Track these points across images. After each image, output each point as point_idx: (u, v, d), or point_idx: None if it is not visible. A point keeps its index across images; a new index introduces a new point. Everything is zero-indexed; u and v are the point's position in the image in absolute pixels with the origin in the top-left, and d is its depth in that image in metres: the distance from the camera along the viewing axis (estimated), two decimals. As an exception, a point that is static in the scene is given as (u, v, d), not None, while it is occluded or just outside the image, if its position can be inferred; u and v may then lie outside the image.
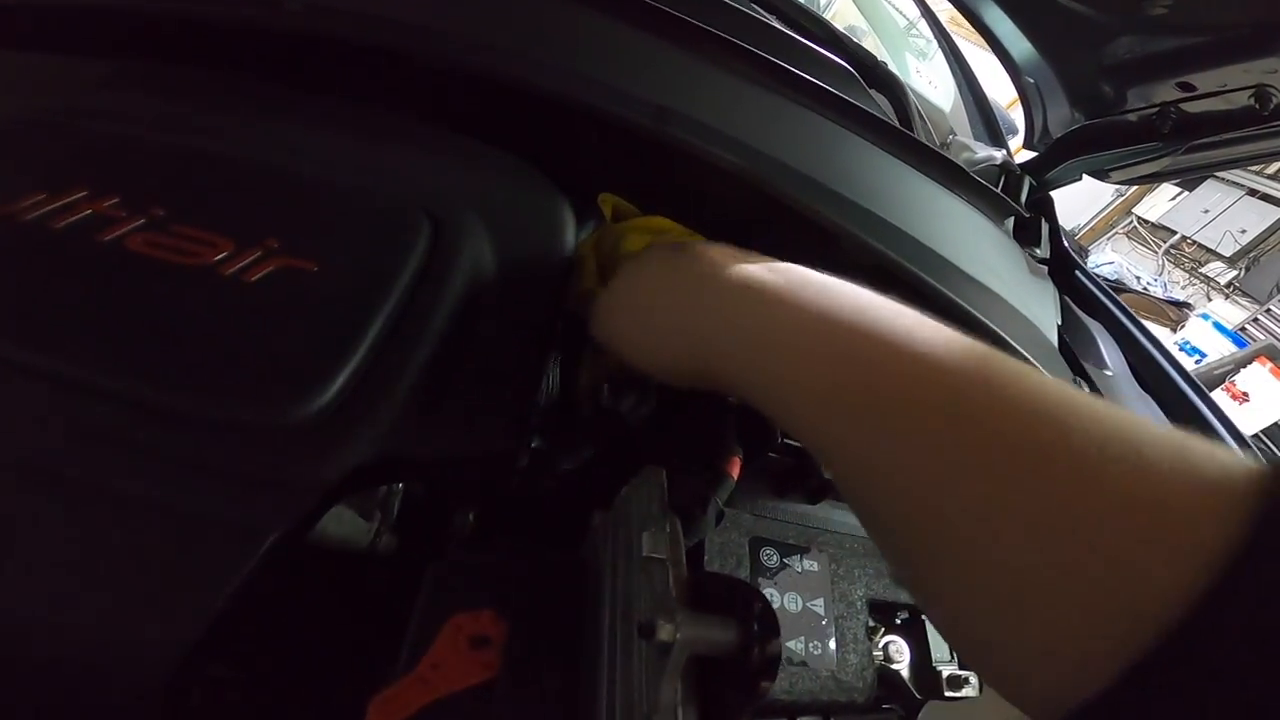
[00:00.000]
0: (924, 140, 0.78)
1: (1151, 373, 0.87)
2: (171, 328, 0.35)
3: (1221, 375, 3.73)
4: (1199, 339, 3.95)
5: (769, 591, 0.47)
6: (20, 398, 0.33)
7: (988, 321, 0.61)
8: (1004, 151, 1.11)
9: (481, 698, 0.32)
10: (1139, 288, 5.06)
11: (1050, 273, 0.92)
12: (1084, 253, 5.50)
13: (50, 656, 0.30)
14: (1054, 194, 1.02)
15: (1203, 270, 5.09)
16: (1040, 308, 0.76)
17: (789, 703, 0.44)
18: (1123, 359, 0.87)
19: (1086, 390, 0.69)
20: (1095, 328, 0.89)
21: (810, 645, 0.46)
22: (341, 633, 0.45)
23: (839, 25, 1.10)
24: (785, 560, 0.49)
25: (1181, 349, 3.98)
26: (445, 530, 0.45)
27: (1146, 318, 4.75)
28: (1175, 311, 4.50)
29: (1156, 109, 0.81)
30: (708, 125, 0.57)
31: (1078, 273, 1.01)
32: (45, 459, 0.32)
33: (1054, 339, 0.75)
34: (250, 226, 0.40)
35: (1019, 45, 0.92)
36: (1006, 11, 0.88)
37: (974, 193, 0.78)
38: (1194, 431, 0.23)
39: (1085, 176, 0.99)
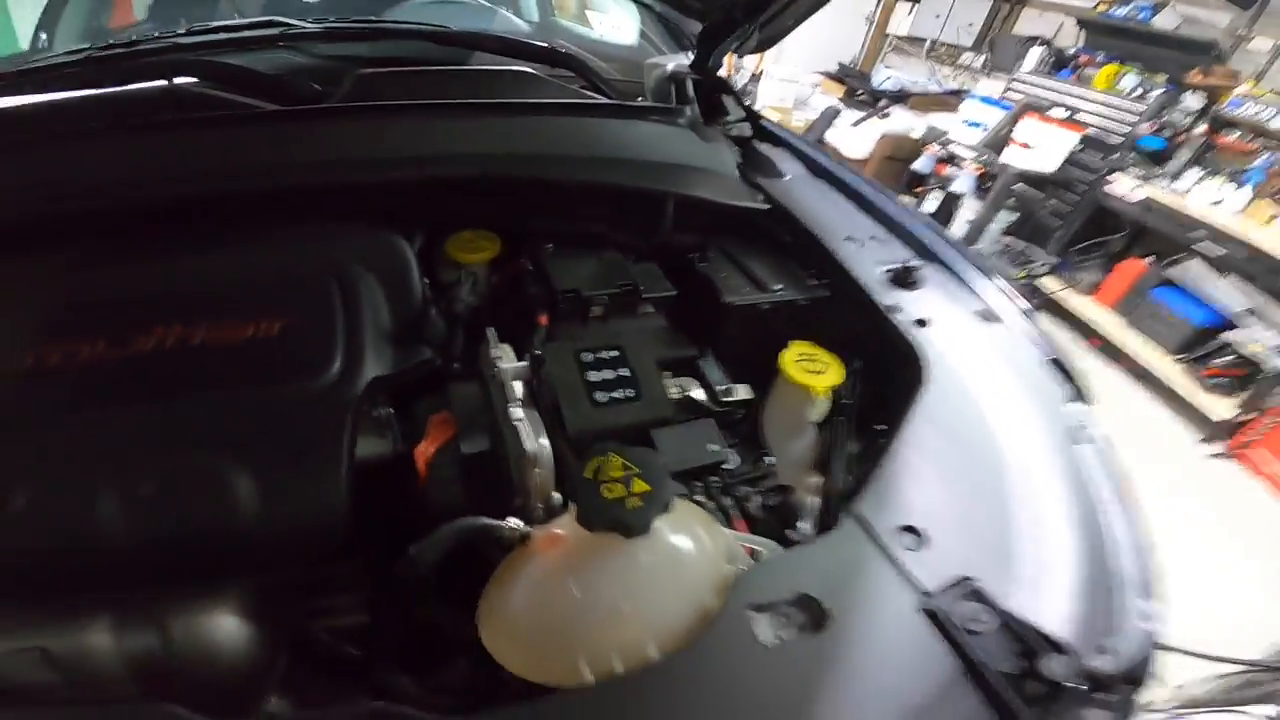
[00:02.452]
0: (601, 98, 1.14)
1: (820, 169, 1.28)
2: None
3: (1004, 136, 4.36)
4: (975, 115, 4.58)
5: (592, 375, 0.79)
6: None
7: (681, 186, 0.98)
8: (682, 57, 1.45)
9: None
10: (917, 90, 5.73)
11: (749, 124, 1.32)
12: (867, 77, 6.15)
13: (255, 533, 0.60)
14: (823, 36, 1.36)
15: (960, 61, 5.80)
16: (718, 159, 1.14)
17: (622, 426, 0.76)
18: (802, 167, 1.26)
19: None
20: (776, 154, 1.28)
21: (624, 392, 0.79)
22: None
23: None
24: (596, 356, 0.81)
25: (966, 124, 4.61)
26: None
27: (935, 110, 5.41)
28: (954, 99, 5.17)
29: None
30: (453, 154, 0.91)
31: (761, 122, 1.40)
32: None
33: (734, 171, 1.12)
34: (253, 314, 0.71)
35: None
36: None
37: (647, 115, 1.15)
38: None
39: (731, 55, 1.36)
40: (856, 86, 5.96)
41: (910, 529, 0.64)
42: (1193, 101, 3.90)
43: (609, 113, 1.14)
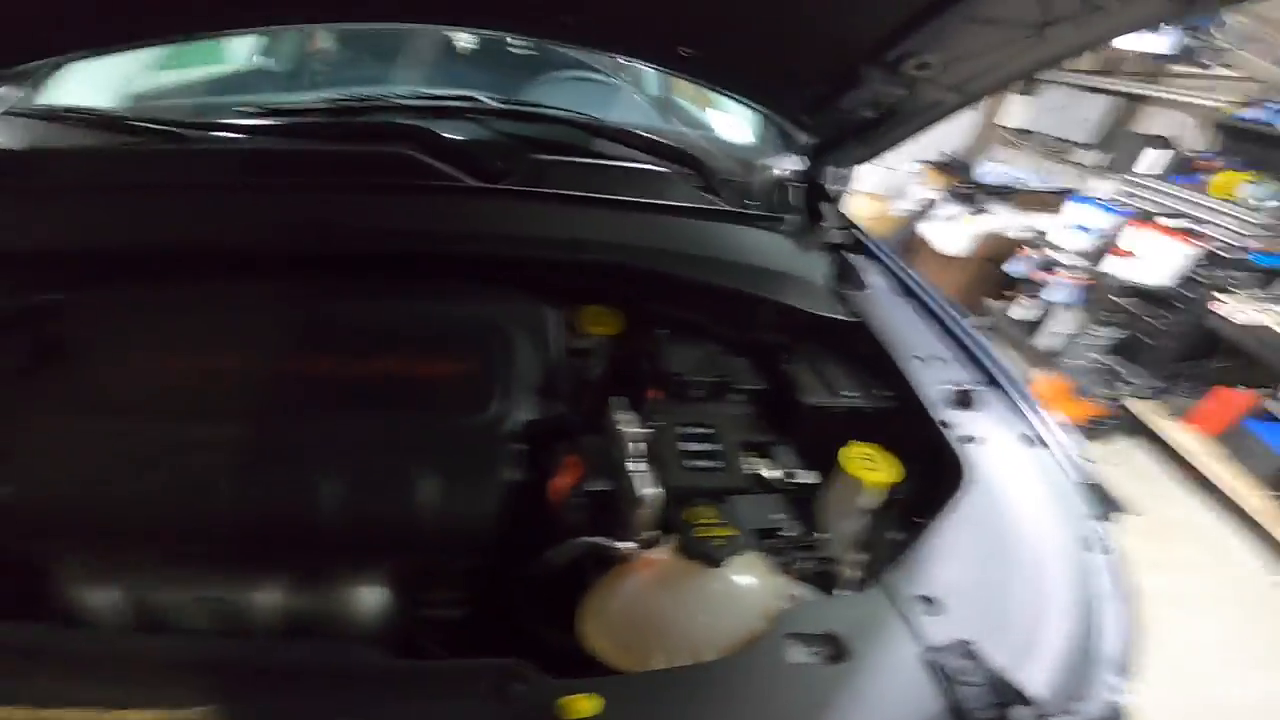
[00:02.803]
0: (719, 203, 1.37)
1: (904, 286, 1.45)
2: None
3: (1106, 243, 4.33)
4: (1081, 217, 4.55)
5: (687, 446, 1.00)
6: None
7: (774, 292, 1.19)
8: (795, 160, 1.63)
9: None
10: (1021, 186, 5.73)
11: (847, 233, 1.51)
12: (968, 168, 6.17)
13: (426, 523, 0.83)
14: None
15: (1070, 158, 5.78)
16: (808, 266, 1.34)
17: (705, 489, 0.95)
18: (883, 279, 1.45)
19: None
20: (865, 265, 1.47)
21: (711, 463, 0.99)
22: None
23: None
24: (694, 431, 1.02)
25: (1070, 228, 4.58)
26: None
27: (1037, 209, 5.39)
28: (1058, 199, 5.15)
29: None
30: (601, 243, 1.14)
31: (854, 231, 1.59)
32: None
33: (820, 280, 1.32)
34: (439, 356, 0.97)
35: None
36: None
37: (754, 221, 1.37)
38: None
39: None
40: (959, 178, 5.98)
41: (927, 598, 0.80)
42: None
43: (723, 218, 1.37)
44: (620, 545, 0.82)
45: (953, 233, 5.36)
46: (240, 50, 2.09)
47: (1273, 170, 3.98)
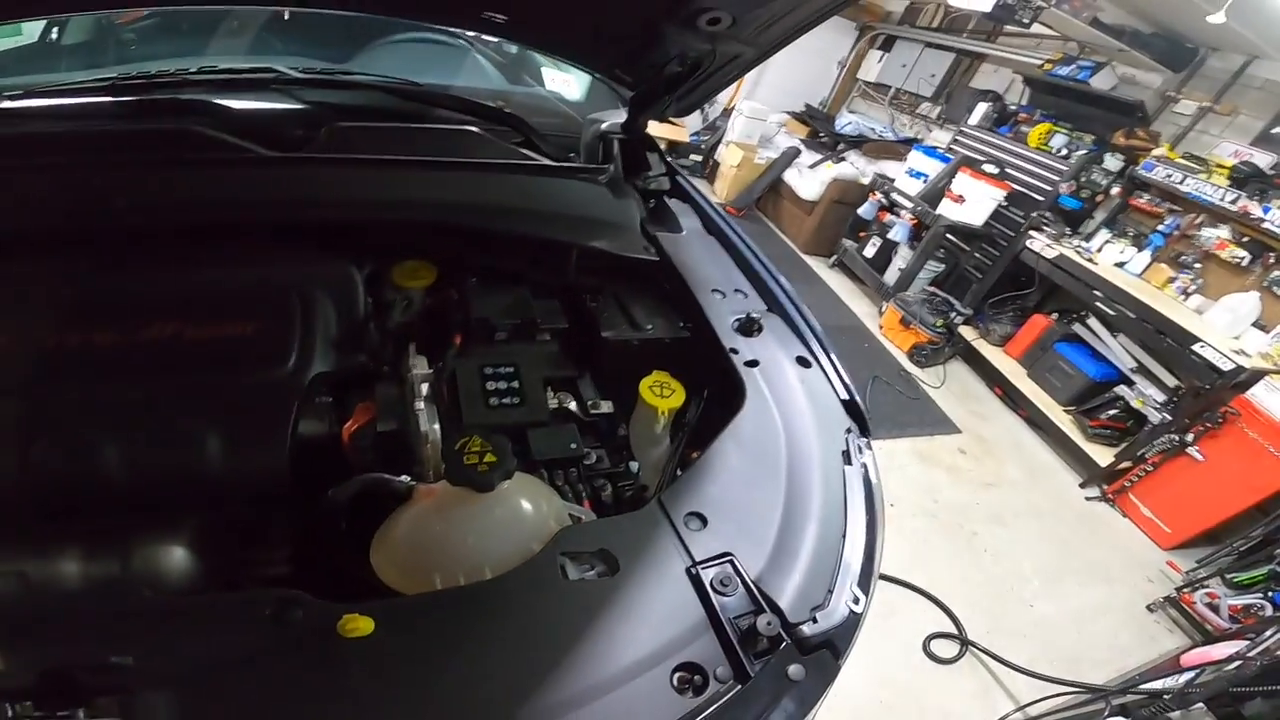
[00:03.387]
0: (540, 157, 1.41)
1: (713, 227, 1.56)
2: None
3: (942, 187, 4.74)
4: (918, 164, 4.96)
5: (490, 385, 1.05)
6: None
7: (584, 238, 1.24)
8: (620, 113, 1.66)
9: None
10: (874, 136, 6.12)
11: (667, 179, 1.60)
12: (832, 120, 6.51)
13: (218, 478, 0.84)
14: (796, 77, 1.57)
15: (919, 111, 6.23)
16: (624, 214, 1.40)
17: (507, 425, 1.02)
18: (697, 221, 1.54)
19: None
20: (682, 209, 1.56)
21: (512, 399, 1.05)
22: None
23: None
24: (495, 370, 1.08)
25: (909, 174, 4.98)
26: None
27: (887, 157, 5.80)
28: (905, 148, 5.56)
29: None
30: (407, 202, 1.16)
31: (678, 177, 1.67)
32: None
33: (636, 225, 1.39)
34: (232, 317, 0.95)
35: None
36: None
37: (571, 174, 1.42)
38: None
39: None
40: (819, 129, 6.30)
41: (698, 515, 0.89)
42: (1113, 163, 4.13)
43: (537, 171, 1.40)
44: (398, 479, 0.86)
45: (811, 179, 5.67)
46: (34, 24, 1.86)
47: (1077, 122, 4.50)
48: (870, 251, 5.24)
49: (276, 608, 0.68)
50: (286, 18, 1.88)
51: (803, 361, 1.21)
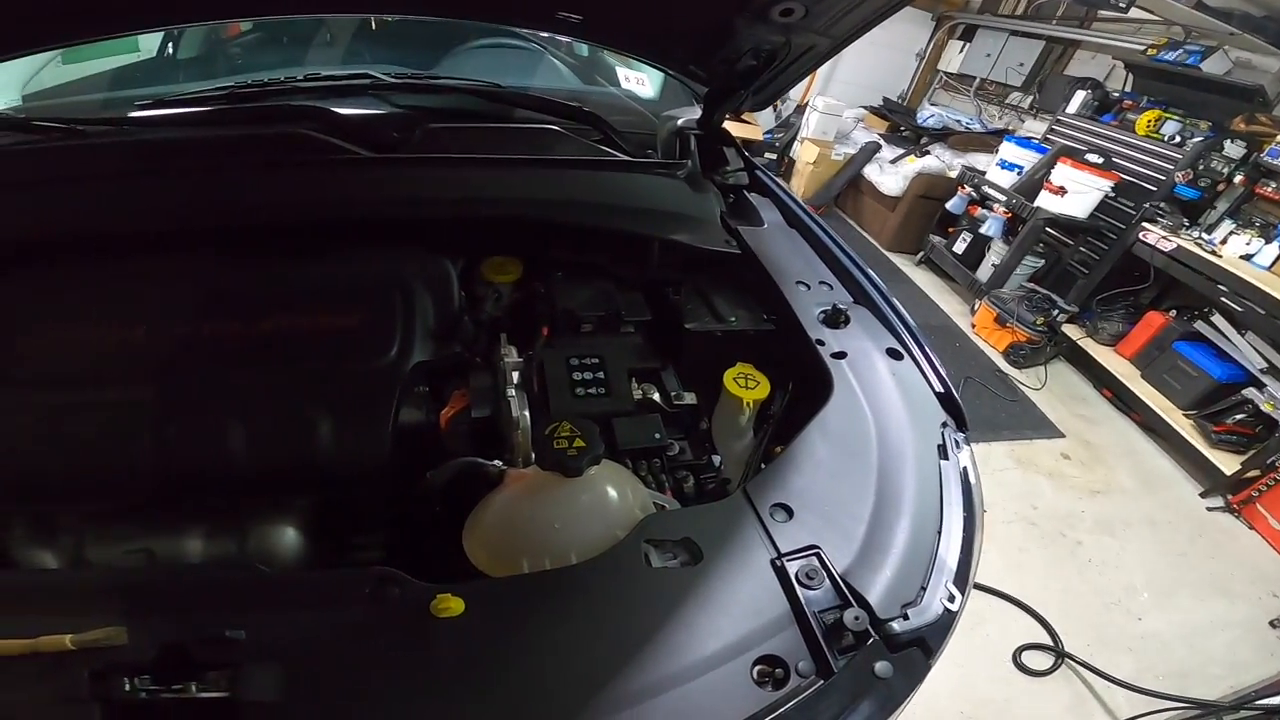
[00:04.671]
0: (619, 154, 1.43)
1: (795, 219, 1.52)
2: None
3: (1039, 180, 4.45)
4: (1011, 156, 4.69)
5: (576, 375, 1.07)
6: None
7: (665, 231, 1.25)
8: (694, 110, 1.68)
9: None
10: (961, 128, 5.84)
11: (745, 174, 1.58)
12: (913, 113, 6.27)
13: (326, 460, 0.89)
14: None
15: (1009, 101, 5.89)
16: (704, 208, 1.40)
17: (592, 414, 1.02)
18: (778, 214, 1.51)
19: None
20: (763, 203, 1.54)
21: (598, 390, 1.06)
22: None
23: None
24: (581, 361, 1.09)
25: (1001, 167, 4.72)
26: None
27: (976, 150, 5.51)
28: (995, 139, 5.27)
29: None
30: (494, 199, 1.21)
31: (757, 171, 1.65)
32: None
33: (716, 218, 1.38)
34: (339, 310, 1.01)
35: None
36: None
37: (649, 169, 1.43)
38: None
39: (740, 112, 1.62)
40: (900, 123, 6.07)
41: (783, 506, 0.87)
42: (1234, 150, 3.78)
43: (617, 167, 1.42)
44: (492, 463, 0.88)
45: (894, 174, 5.47)
46: (150, 38, 2.05)
47: (1189, 109, 4.13)
48: (960, 247, 4.99)
49: (375, 585, 0.71)
50: (374, 28, 1.99)
51: (894, 354, 1.16)
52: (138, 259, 1.09)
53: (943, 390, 1.12)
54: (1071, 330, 4.20)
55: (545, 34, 1.96)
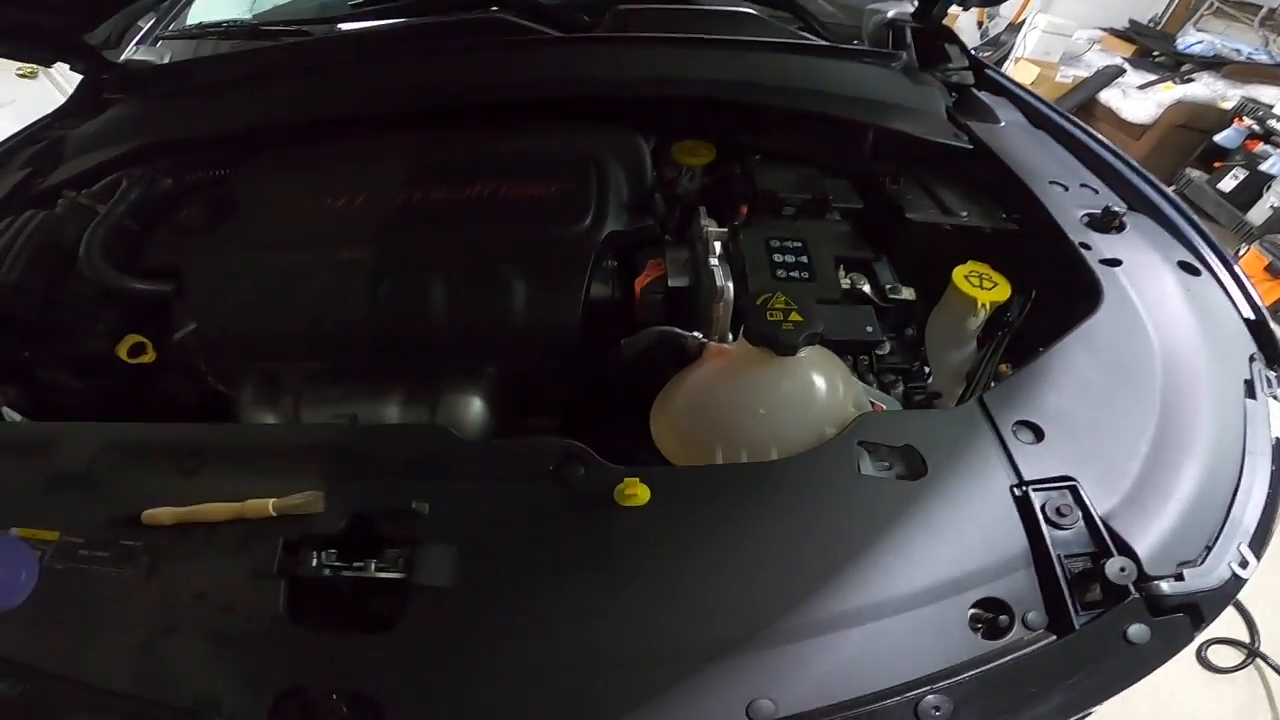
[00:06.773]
0: (820, 40, 1.31)
1: (1041, 119, 1.28)
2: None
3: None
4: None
5: (777, 258, 0.95)
6: None
7: (882, 119, 1.11)
8: (905, 4, 1.45)
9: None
10: (1242, 58, 4.78)
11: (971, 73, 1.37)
12: (1170, 38, 5.27)
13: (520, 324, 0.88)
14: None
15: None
16: (925, 100, 1.20)
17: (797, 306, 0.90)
18: (1019, 115, 1.27)
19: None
20: (998, 102, 1.29)
21: (801, 274, 0.93)
22: None
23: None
24: (783, 243, 0.97)
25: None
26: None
27: (1259, 81, 4.47)
28: (1281, 70, 4.25)
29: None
30: (685, 79, 1.14)
31: (988, 70, 1.40)
32: None
33: (941, 111, 1.19)
34: (539, 179, 1.02)
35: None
36: None
37: (858, 56, 1.27)
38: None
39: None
40: (1153, 47, 5.14)
41: (1031, 425, 0.71)
42: None
43: (819, 52, 1.27)
44: (690, 335, 0.80)
45: (1142, 100, 4.63)
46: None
47: None
48: (1229, 185, 4.12)
49: (560, 461, 0.67)
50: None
51: (1188, 268, 0.92)
52: (360, 137, 1.18)
53: (1254, 316, 0.87)
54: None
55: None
